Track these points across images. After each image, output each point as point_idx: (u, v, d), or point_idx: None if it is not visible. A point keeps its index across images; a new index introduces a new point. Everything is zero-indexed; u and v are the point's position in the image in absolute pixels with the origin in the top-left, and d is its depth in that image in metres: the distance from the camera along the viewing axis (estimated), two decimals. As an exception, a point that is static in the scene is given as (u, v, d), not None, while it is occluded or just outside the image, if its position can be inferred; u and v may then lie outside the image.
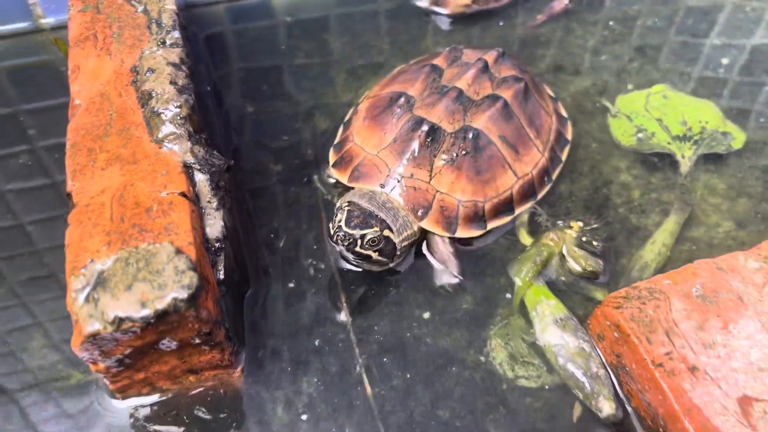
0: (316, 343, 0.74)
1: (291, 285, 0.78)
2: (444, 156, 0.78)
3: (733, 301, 0.68)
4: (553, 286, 0.78)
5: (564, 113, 0.92)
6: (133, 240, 0.62)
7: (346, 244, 0.72)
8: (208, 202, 0.69)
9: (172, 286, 0.59)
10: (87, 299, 0.59)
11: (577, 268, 0.79)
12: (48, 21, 1.04)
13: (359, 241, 0.72)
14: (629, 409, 0.69)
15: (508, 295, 0.78)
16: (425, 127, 0.78)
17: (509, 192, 0.81)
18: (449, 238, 0.79)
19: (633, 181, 0.88)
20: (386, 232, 0.73)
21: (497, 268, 0.80)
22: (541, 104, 0.88)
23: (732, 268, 0.71)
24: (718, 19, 1.08)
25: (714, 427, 0.60)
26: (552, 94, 0.95)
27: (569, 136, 0.90)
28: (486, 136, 0.79)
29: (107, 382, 0.66)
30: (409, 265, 0.80)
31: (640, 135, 0.90)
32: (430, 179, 0.77)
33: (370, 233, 0.72)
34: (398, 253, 0.76)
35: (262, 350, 0.73)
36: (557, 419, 0.69)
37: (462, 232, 0.78)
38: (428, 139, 0.78)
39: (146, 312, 0.58)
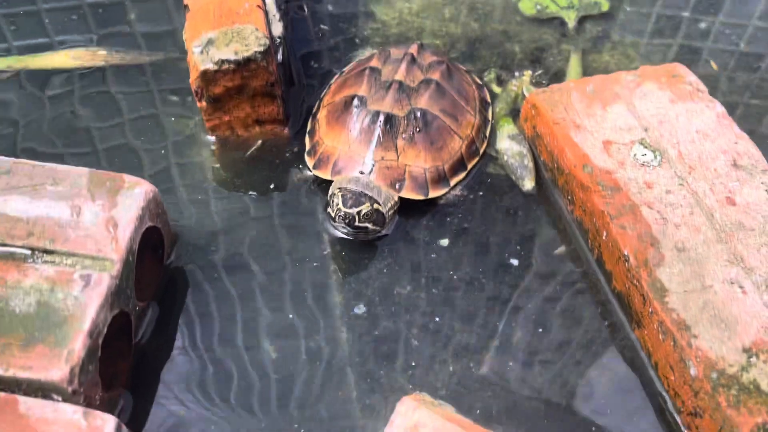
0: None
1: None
2: (403, 136, 0.96)
3: (612, 95, 1.04)
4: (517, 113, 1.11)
5: (480, 81, 1.14)
6: (228, 26, 1.00)
7: (346, 221, 0.89)
8: (274, 15, 1.07)
9: (254, 45, 0.96)
10: (201, 52, 0.96)
11: None
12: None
13: (357, 217, 0.89)
14: (539, 161, 1.06)
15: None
16: (382, 117, 0.96)
17: (459, 152, 1.01)
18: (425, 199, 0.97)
19: (547, 40, 1.24)
20: (376, 206, 0.91)
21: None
22: (463, 78, 1.09)
23: (615, 80, 1.07)
24: None
25: (585, 154, 0.96)
26: (465, 68, 1.16)
27: (489, 98, 1.12)
28: (431, 113, 0.98)
29: (204, 120, 1.03)
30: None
31: (538, 7, 1.28)
32: (398, 157, 0.96)
33: (364, 208, 0.90)
34: (387, 220, 0.94)
35: (303, 120, 1.10)
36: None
37: (433, 193, 0.98)
38: (387, 126, 0.96)
39: (238, 57, 0.95)
